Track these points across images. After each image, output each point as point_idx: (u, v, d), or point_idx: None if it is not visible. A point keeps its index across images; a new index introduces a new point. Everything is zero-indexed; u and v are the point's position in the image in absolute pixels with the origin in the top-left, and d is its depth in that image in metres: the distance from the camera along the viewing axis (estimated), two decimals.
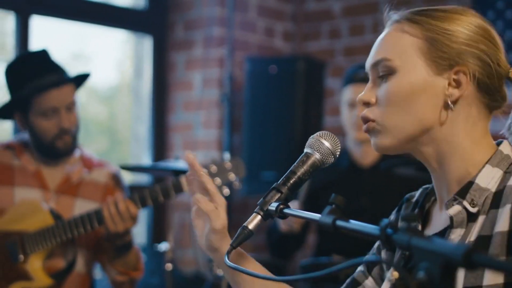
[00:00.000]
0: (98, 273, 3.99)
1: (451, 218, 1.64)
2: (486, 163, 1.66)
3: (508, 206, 1.58)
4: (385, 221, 1.33)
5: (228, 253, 1.71)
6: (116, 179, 3.33)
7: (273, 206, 1.69)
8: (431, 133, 1.67)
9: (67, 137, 3.18)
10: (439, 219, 1.73)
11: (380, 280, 1.85)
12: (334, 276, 3.11)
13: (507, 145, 1.71)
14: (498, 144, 1.72)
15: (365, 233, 1.40)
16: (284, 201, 1.71)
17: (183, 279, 4.49)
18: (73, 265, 3.17)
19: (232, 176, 3.06)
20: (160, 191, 3.03)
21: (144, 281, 4.21)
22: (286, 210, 1.67)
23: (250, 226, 1.71)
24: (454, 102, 1.65)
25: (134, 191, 3.14)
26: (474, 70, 1.65)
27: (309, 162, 1.75)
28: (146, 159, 5.22)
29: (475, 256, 1.14)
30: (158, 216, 5.07)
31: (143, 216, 5.14)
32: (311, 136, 1.78)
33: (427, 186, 1.84)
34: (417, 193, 1.87)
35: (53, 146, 3.18)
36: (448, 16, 1.69)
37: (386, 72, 1.69)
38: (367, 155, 3.83)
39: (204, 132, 5.08)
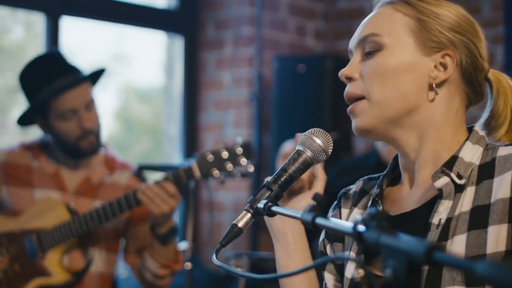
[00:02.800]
0: (123, 272, 4.03)
1: (440, 189, 1.64)
2: (466, 140, 1.68)
3: (508, 174, 1.59)
4: (357, 218, 1.32)
5: (217, 251, 1.70)
6: (138, 179, 3.33)
7: (262, 203, 1.68)
8: (413, 115, 1.69)
9: (91, 136, 3.19)
10: (409, 199, 1.75)
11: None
12: None
13: (479, 129, 1.73)
14: (470, 130, 1.74)
15: (341, 231, 1.39)
16: (274, 199, 1.70)
17: (212, 279, 4.49)
18: (91, 263, 3.20)
19: (243, 161, 3.05)
20: (172, 178, 3.04)
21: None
22: (273, 208, 1.66)
23: (240, 224, 1.69)
24: (439, 85, 1.68)
25: None
26: (461, 57, 1.68)
27: (301, 159, 1.74)
28: (177, 159, 5.25)
29: (436, 254, 1.13)
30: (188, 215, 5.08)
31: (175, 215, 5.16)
32: (303, 134, 1.78)
33: (367, 177, 1.90)
34: (354, 186, 1.92)
35: (77, 147, 3.19)
36: (439, 3, 1.72)
37: (373, 48, 1.69)
38: (392, 153, 3.87)
39: (234, 131, 5.09)
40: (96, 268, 3.23)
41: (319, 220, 1.46)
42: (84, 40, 5.18)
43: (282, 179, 1.72)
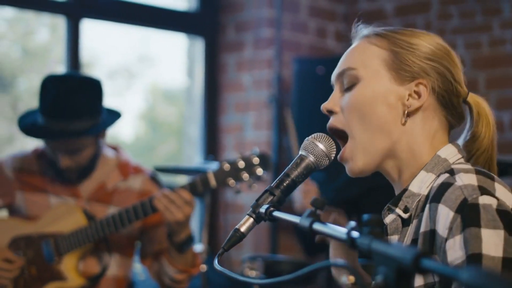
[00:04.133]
0: (142, 274, 4.05)
1: (386, 226, 1.71)
2: (422, 169, 1.71)
3: (427, 207, 1.62)
4: (351, 224, 1.33)
5: (219, 255, 1.72)
6: (153, 182, 3.34)
7: (263, 208, 1.69)
8: (395, 145, 1.73)
9: (68, 172, 3.20)
10: None
11: None
12: None
13: (448, 148, 1.75)
14: None
15: (335, 237, 1.39)
16: (276, 204, 1.71)
17: (228, 280, 4.50)
18: (106, 268, 3.23)
19: (259, 171, 3.04)
20: (188, 187, 3.03)
21: None
22: (274, 213, 1.67)
23: (242, 229, 1.71)
24: (413, 112, 1.73)
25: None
26: (434, 84, 1.73)
27: (303, 164, 1.75)
28: (198, 160, 5.26)
29: (424, 261, 1.13)
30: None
31: (195, 218, 5.18)
32: (306, 138, 1.78)
33: None
34: None
35: (62, 173, 3.23)
36: (414, 33, 1.79)
37: (350, 82, 1.77)
38: None
39: (254, 133, 5.10)
40: (111, 272, 3.25)
41: (317, 226, 1.47)
42: (109, 42, 5.22)
43: (284, 184, 1.73)
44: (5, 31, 5.10)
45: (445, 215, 1.56)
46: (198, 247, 3.42)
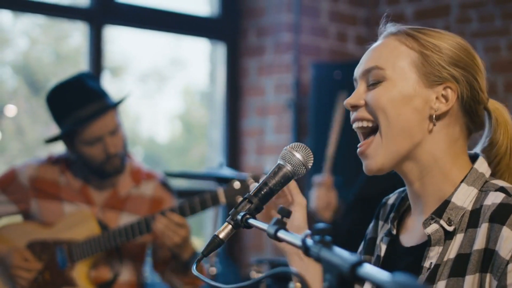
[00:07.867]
0: (156, 277, 4.12)
1: (429, 236, 1.71)
2: (462, 181, 1.73)
3: (484, 225, 1.64)
4: (306, 232, 1.39)
5: (199, 261, 1.77)
6: (163, 188, 3.42)
7: (240, 215, 1.75)
8: (416, 148, 1.74)
9: (115, 160, 3.26)
10: (415, 230, 1.81)
11: None
12: None
13: (482, 163, 1.78)
14: (473, 160, 1.78)
15: (294, 244, 1.45)
16: (254, 211, 1.77)
17: (242, 281, 4.55)
18: (117, 276, 3.31)
19: None
20: (198, 203, 3.10)
21: None
22: (249, 220, 1.73)
23: (221, 235, 1.76)
24: (439, 117, 1.73)
25: (181, 199, 3.21)
26: (462, 90, 1.73)
27: (281, 173, 1.80)
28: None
29: (360, 270, 1.19)
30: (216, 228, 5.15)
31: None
32: (284, 148, 1.84)
33: (402, 189, 1.91)
34: (392, 196, 1.97)
35: (102, 169, 3.27)
36: (438, 34, 1.77)
37: (376, 80, 1.75)
38: None
39: (275, 136, 5.14)
40: (123, 278, 3.33)
41: (280, 234, 1.54)
42: (140, 46, 5.30)
43: (262, 192, 1.78)
44: (39, 35, 5.20)
45: (510, 238, 1.60)
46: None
